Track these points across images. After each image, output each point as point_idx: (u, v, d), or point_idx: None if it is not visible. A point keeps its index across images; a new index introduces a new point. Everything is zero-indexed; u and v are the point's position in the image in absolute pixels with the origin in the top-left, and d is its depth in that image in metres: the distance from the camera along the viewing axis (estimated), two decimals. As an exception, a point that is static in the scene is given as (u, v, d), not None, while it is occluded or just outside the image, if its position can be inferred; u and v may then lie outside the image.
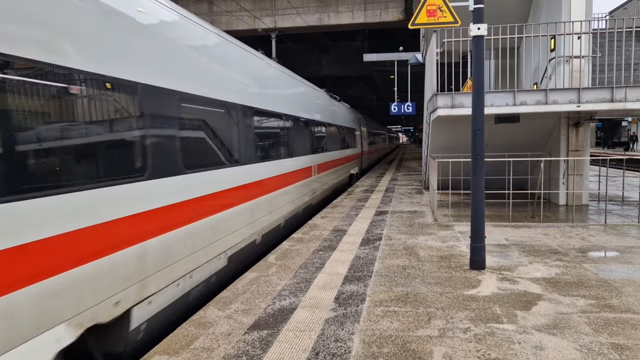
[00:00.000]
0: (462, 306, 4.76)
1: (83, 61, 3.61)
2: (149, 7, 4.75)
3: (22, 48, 3.07)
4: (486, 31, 5.85)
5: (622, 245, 7.14)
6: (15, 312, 2.95)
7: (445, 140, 12.25)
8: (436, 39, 10.09)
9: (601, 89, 9.11)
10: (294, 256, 6.84)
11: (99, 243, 3.70)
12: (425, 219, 9.57)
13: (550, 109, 9.17)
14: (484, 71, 6.02)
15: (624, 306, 4.70)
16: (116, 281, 3.90)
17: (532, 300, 4.88)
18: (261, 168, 7.54)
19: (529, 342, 3.91)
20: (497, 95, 9.28)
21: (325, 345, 3.92)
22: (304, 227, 8.96)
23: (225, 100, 6.19)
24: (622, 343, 3.87)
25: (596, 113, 10.35)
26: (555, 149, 11.43)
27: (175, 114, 4.91)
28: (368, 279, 5.69)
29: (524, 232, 8.19)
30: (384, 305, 4.82)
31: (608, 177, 9.67)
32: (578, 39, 9.72)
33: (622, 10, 25.98)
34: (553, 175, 11.45)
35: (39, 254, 3.12)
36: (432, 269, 6.09)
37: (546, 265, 6.14)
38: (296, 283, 5.60)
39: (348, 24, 22.35)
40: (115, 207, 3.89)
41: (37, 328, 3.12)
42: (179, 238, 4.91)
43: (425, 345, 3.89)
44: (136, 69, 4.31)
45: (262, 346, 3.94)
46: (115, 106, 4.00)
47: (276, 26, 22.27)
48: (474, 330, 4.18)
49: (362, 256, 6.77)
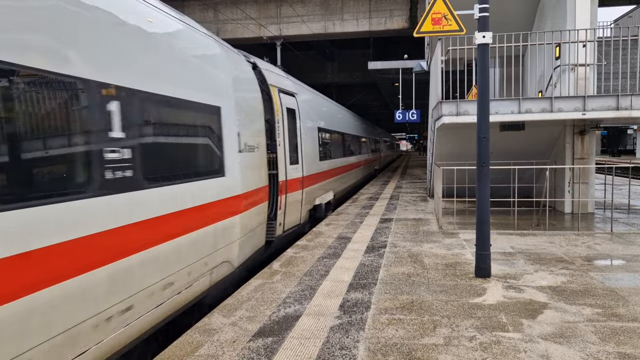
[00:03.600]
0: (467, 314, 4.74)
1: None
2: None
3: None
4: (491, 39, 5.87)
5: (629, 254, 7.09)
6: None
7: (450, 148, 12.25)
8: (441, 46, 10.13)
9: (607, 96, 9.10)
10: (299, 263, 6.84)
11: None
12: (430, 227, 9.55)
13: (556, 116, 9.17)
14: (489, 79, 6.03)
15: (630, 315, 4.66)
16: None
17: (538, 309, 4.86)
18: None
19: (535, 351, 3.89)
20: (502, 103, 9.28)
21: (330, 353, 3.91)
22: (309, 235, 8.97)
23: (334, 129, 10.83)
24: (629, 352, 3.84)
25: (602, 121, 10.33)
26: (561, 156, 11.41)
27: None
28: (373, 287, 5.67)
29: (530, 240, 8.16)
30: (389, 313, 4.80)
31: (614, 185, 9.63)
32: (583, 47, 9.73)
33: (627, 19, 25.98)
34: (558, 183, 11.41)
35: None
36: (437, 276, 6.07)
37: (552, 274, 6.11)
38: (301, 290, 5.59)
39: (353, 31, 22.44)
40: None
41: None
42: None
43: (431, 354, 3.87)
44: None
45: (267, 354, 3.94)
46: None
47: (281, 34, 22.38)
48: (479, 338, 4.16)
49: (366, 264, 6.76)
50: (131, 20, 4.13)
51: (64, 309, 3.21)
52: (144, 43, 4.28)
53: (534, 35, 10.53)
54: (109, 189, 3.65)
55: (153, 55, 4.42)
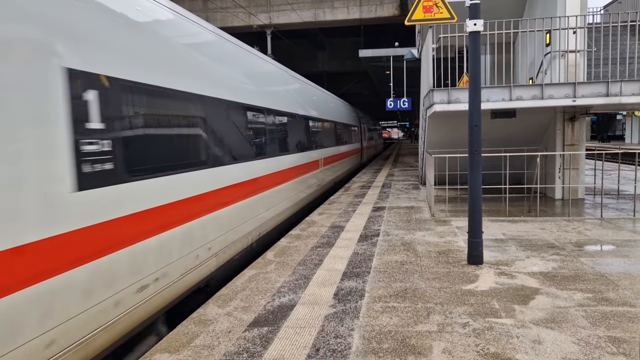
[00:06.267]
0: (460, 301, 4.79)
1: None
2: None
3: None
4: (482, 27, 5.86)
5: (618, 239, 7.19)
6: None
7: (442, 136, 12.28)
8: (432, 34, 10.10)
9: (597, 83, 9.15)
10: (292, 253, 6.86)
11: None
12: (422, 215, 9.60)
13: (546, 103, 9.21)
14: (480, 67, 6.03)
15: (620, 299, 4.74)
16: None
17: (530, 295, 4.92)
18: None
19: (527, 336, 3.94)
20: (493, 91, 9.30)
21: (326, 342, 3.94)
22: (302, 224, 8.98)
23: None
24: (619, 336, 3.91)
25: (592, 107, 10.39)
26: (551, 143, 11.48)
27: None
28: (367, 275, 5.71)
29: (521, 226, 8.24)
30: (382, 301, 4.84)
31: (604, 171, 9.72)
32: (573, 34, 9.75)
33: (617, 4, 26.03)
34: (549, 170, 11.50)
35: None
36: (430, 264, 6.12)
37: (543, 260, 6.18)
38: (295, 280, 5.61)
39: (343, 19, 22.34)
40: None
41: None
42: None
43: (425, 341, 3.92)
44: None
45: (262, 343, 3.96)
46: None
47: (271, 22, 22.22)
48: (472, 325, 4.21)
49: (360, 252, 6.79)
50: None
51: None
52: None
53: (524, 22, 10.53)
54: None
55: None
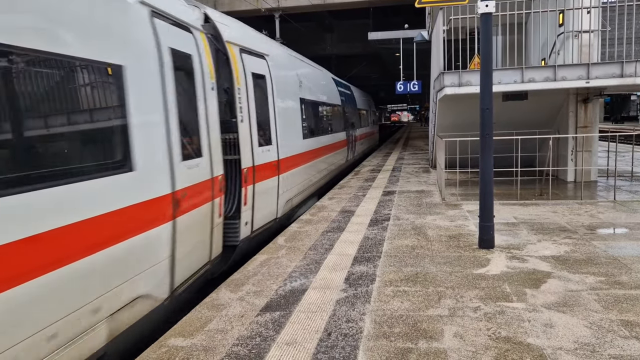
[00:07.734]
0: (471, 285, 4.80)
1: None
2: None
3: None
4: (494, 8, 5.76)
5: (632, 222, 7.12)
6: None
7: (453, 119, 12.17)
8: (443, 16, 9.95)
9: (611, 64, 8.98)
10: (303, 238, 6.89)
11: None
12: (433, 199, 9.57)
13: (559, 85, 9.07)
14: (492, 49, 5.94)
15: (633, 283, 4.71)
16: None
17: (542, 278, 4.91)
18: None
19: (538, 320, 3.94)
20: (505, 73, 9.18)
21: (337, 326, 3.97)
22: (312, 209, 9.01)
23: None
24: (632, 320, 3.90)
25: (605, 88, 10.22)
26: (564, 125, 11.34)
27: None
28: (377, 260, 5.73)
29: (533, 210, 8.19)
30: (394, 286, 4.86)
31: (617, 153, 9.59)
32: (587, 13, 9.55)
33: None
34: (561, 152, 11.38)
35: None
36: (441, 248, 6.12)
37: (555, 243, 6.15)
38: (306, 264, 5.65)
39: (352, 1, 22.04)
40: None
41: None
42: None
43: (436, 325, 3.94)
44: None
45: (274, 327, 4.01)
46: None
47: (279, 6, 22.00)
48: (484, 309, 4.21)
49: (370, 237, 6.81)
50: None
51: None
52: None
53: (537, 2, 10.33)
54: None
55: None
